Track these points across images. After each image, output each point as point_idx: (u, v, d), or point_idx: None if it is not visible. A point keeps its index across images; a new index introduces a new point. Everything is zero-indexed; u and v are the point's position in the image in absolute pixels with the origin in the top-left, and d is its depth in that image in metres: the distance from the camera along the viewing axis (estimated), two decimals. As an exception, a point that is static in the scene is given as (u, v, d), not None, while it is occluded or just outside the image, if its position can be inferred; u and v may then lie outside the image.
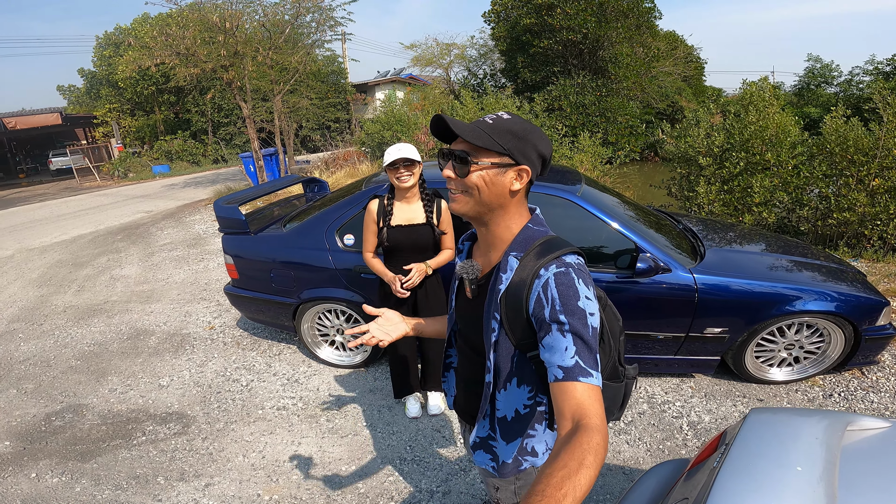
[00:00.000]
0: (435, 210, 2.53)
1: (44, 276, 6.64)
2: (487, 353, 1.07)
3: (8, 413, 3.28)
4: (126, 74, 14.38)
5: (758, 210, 5.98)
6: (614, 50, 13.56)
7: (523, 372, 1.06)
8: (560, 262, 0.96)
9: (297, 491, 2.45)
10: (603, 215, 3.02)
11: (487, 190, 1.00)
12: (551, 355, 0.90)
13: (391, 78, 22.55)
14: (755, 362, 3.09)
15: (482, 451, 1.18)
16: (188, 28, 9.35)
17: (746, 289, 2.86)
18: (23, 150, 30.34)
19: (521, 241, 1.03)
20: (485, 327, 1.07)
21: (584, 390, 0.85)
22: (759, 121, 5.96)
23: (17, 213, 13.83)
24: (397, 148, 2.36)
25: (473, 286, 1.11)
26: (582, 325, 0.90)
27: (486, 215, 1.05)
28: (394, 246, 2.45)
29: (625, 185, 8.55)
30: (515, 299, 0.98)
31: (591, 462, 0.72)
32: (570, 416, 0.82)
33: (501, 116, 1.01)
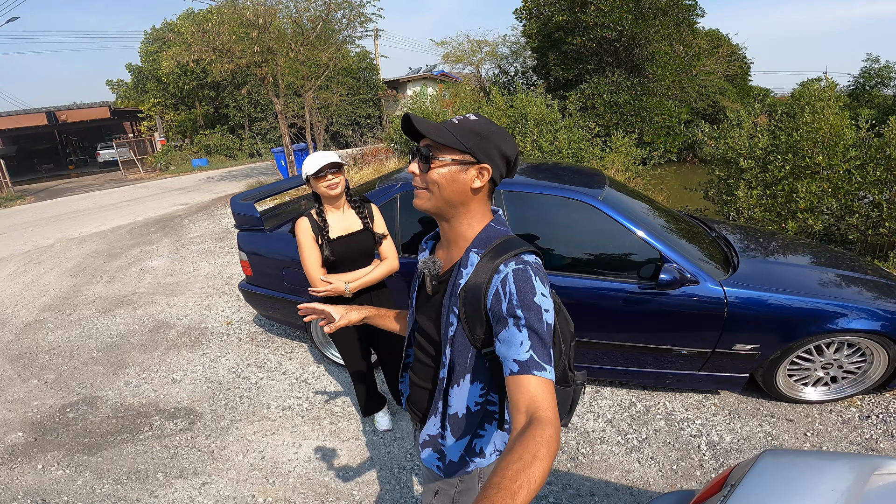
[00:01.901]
0: (368, 215, 2.41)
1: (79, 265, 6.88)
2: (444, 347, 1.09)
3: (26, 403, 3.36)
4: (168, 70, 14.86)
5: (803, 217, 5.60)
6: (651, 48, 13.06)
7: (477, 369, 1.07)
8: (519, 260, 0.99)
9: (291, 494, 2.41)
10: (626, 221, 2.83)
11: (448, 187, 1.03)
12: (507, 349, 0.91)
13: (423, 75, 22.48)
14: (788, 381, 2.85)
15: (430, 450, 1.17)
16: (224, 24, 9.52)
17: (783, 304, 2.63)
18: (73, 142, 31.90)
19: (483, 239, 1.06)
20: (443, 322, 1.09)
21: (538, 384, 0.86)
22: (813, 122, 5.57)
23: (63, 203, 14.49)
24: (320, 155, 2.20)
25: (434, 282, 1.12)
26: (537, 321, 0.92)
27: (448, 212, 1.07)
28: (339, 258, 2.30)
29: (658, 187, 8.21)
30: (474, 294, 1.01)
31: (545, 454, 0.73)
32: (524, 409, 0.83)
33: (468, 118, 1.04)
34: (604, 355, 2.93)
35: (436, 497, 1.21)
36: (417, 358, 1.25)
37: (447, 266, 1.12)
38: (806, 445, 2.53)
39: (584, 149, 7.66)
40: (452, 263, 1.11)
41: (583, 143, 7.70)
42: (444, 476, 1.17)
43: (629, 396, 3.01)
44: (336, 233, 2.30)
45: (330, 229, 2.29)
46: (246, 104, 22.03)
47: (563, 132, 7.66)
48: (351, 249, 2.32)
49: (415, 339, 1.27)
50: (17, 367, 3.90)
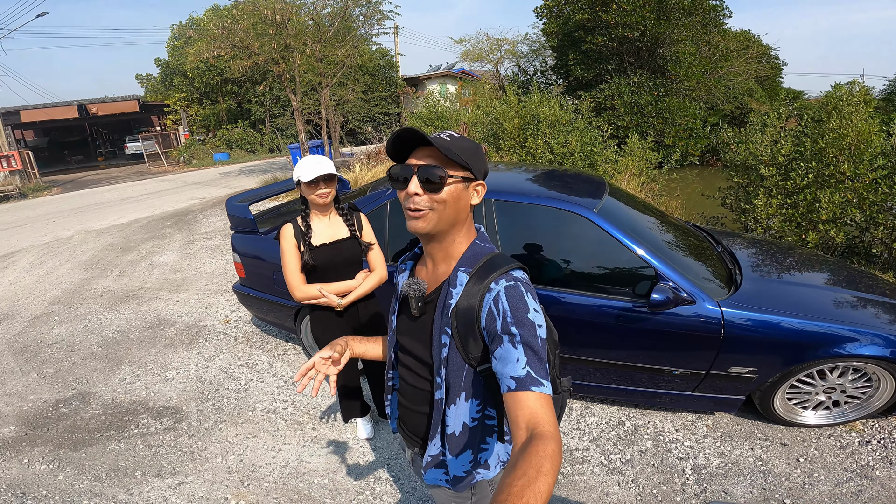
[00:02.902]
0: (356, 223, 2.35)
1: (93, 258, 7.03)
2: (437, 369, 1.08)
3: (23, 397, 3.42)
4: (193, 65, 15.11)
5: (824, 228, 5.35)
6: (675, 48, 12.71)
7: (472, 386, 1.07)
8: (509, 277, 0.99)
9: (264, 499, 2.39)
10: (622, 236, 2.71)
11: (454, 205, 1.03)
12: (503, 366, 0.92)
13: (442, 72, 22.40)
14: (786, 404, 2.71)
15: (434, 469, 1.17)
16: (243, 20, 9.61)
17: (784, 326, 2.49)
18: (103, 134, 32.81)
19: (470, 257, 1.06)
20: (434, 343, 1.08)
21: (537, 399, 0.87)
22: (840, 127, 5.32)
23: (88, 195, 14.90)
24: (316, 161, 2.14)
25: (420, 303, 1.11)
26: (532, 336, 0.92)
27: (446, 231, 1.06)
28: (322, 266, 2.25)
29: (673, 192, 7.98)
30: (467, 313, 1.00)
31: (549, 469, 0.74)
32: (524, 425, 0.84)
33: (453, 135, 1.04)
34: (594, 372, 2.83)
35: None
36: (406, 380, 1.22)
37: (433, 285, 1.11)
38: (797, 472, 2.40)
39: (596, 151, 7.48)
40: (439, 282, 1.09)
41: (595, 146, 7.52)
42: (452, 489, 1.17)
43: (619, 414, 2.91)
44: (320, 240, 2.26)
45: (314, 235, 2.25)
46: (267, 100, 22.32)
47: (576, 134, 7.49)
48: (335, 257, 2.28)
49: (399, 362, 1.24)
50: (19, 360, 3.98)
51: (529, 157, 7.65)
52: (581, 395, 3.00)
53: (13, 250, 8.06)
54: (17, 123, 24.04)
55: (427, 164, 1.01)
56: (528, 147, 7.71)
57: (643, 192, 7.22)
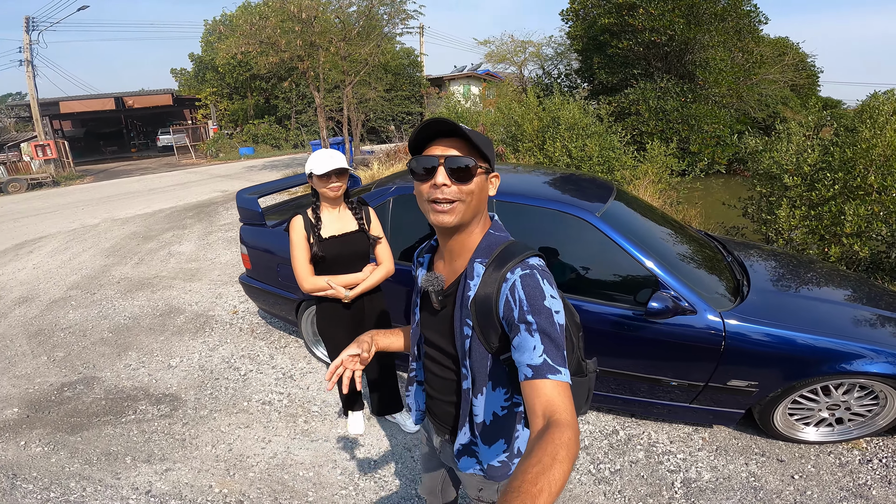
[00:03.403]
0: (364, 217, 2.37)
1: (115, 246, 7.24)
2: (462, 360, 1.09)
3: (30, 380, 3.53)
4: (224, 60, 15.44)
5: (848, 242, 5.14)
6: (706, 54, 12.40)
7: (498, 375, 1.08)
8: (525, 265, 1.00)
9: (248, 489, 2.41)
10: (624, 242, 2.64)
11: (478, 196, 1.04)
12: (521, 355, 0.92)
13: (467, 73, 22.36)
14: (787, 419, 2.62)
15: (466, 457, 1.19)
16: (270, 17, 9.77)
17: (788, 340, 2.40)
18: (137, 126, 33.85)
19: (486, 248, 1.06)
20: (457, 335, 1.09)
21: (554, 387, 0.87)
22: (872, 137, 5.11)
23: (118, 184, 15.37)
24: (329, 155, 2.16)
25: (440, 297, 1.12)
26: (549, 324, 0.92)
27: (470, 223, 1.06)
28: (331, 258, 2.27)
29: (693, 200, 7.78)
30: (485, 304, 1.01)
31: (564, 457, 0.73)
32: (540, 412, 0.84)
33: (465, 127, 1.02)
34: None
35: (481, 491, 1.25)
36: (432, 372, 1.24)
37: (451, 278, 1.12)
38: (789, 489, 2.31)
39: (615, 157, 7.34)
40: (457, 275, 1.10)
41: (613, 151, 7.39)
42: (486, 478, 1.19)
43: (614, 423, 2.84)
44: (329, 232, 2.28)
45: (323, 227, 2.27)
46: (293, 96, 22.65)
47: (595, 138, 7.37)
48: (343, 250, 2.30)
49: (424, 354, 1.26)
50: (32, 343, 4.12)
51: (547, 160, 7.57)
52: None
53: (41, 235, 8.37)
54: (55, 114, 24.97)
55: (454, 154, 1.00)
56: (546, 150, 7.63)
57: (661, 200, 7.07)
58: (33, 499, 2.37)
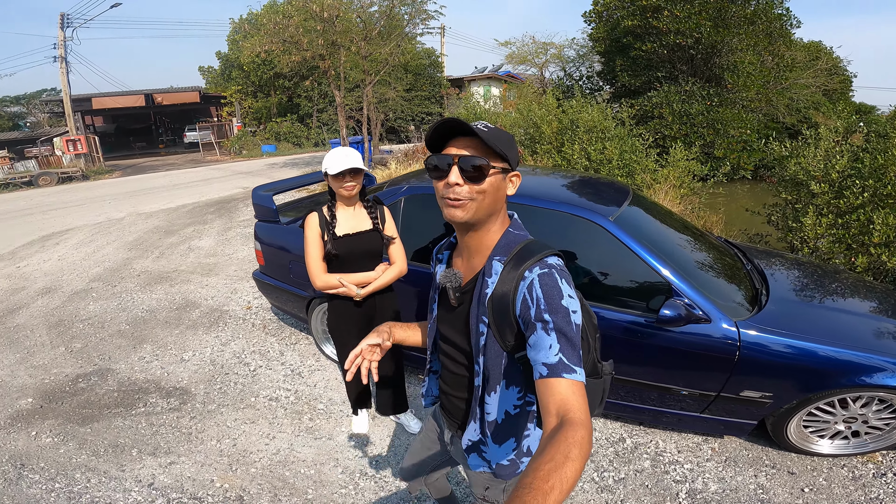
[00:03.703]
0: (379, 216, 2.36)
1: (138, 240, 7.40)
2: (476, 357, 1.10)
3: (47, 370, 3.61)
4: (249, 59, 15.70)
5: (876, 252, 4.94)
6: (734, 57, 12.10)
7: (512, 373, 1.08)
8: (543, 264, 1.00)
9: (248, 484, 2.43)
10: (638, 247, 2.58)
11: (493, 195, 1.03)
12: (536, 353, 0.92)
13: (488, 74, 22.30)
14: (801, 432, 2.53)
15: (475, 455, 1.19)
16: (293, 16, 9.89)
17: (807, 351, 2.31)
18: (165, 123, 34.65)
19: (504, 246, 1.07)
20: (472, 332, 1.09)
21: (568, 386, 0.87)
22: (905, 143, 4.91)
23: (144, 179, 15.75)
24: (344, 154, 2.15)
25: (457, 294, 1.13)
26: (565, 323, 0.92)
27: (485, 221, 1.07)
28: (344, 256, 2.27)
29: (716, 206, 7.59)
30: (502, 302, 1.01)
31: (577, 455, 0.73)
32: (554, 411, 0.84)
33: (489, 126, 1.03)
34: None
35: (487, 491, 1.25)
36: (446, 368, 1.26)
37: (468, 276, 1.13)
38: (799, 502, 2.22)
39: (635, 160, 7.21)
40: (475, 272, 1.11)
41: (634, 155, 7.25)
42: (495, 476, 1.20)
43: (621, 431, 2.78)
44: (343, 230, 2.28)
45: (338, 226, 2.28)
46: (315, 95, 22.89)
47: (615, 141, 7.25)
48: (356, 248, 2.30)
49: (440, 349, 1.28)
50: (52, 333, 4.23)
51: (565, 163, 7.47)
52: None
53: (68, 228, 8.61)
54: (88, 110, 25.70)
55: (468, 154, 1.01)
56: (564, 152, 7.54)
57: (682, 205, 6.91)
58: (38, 489, 2.42)
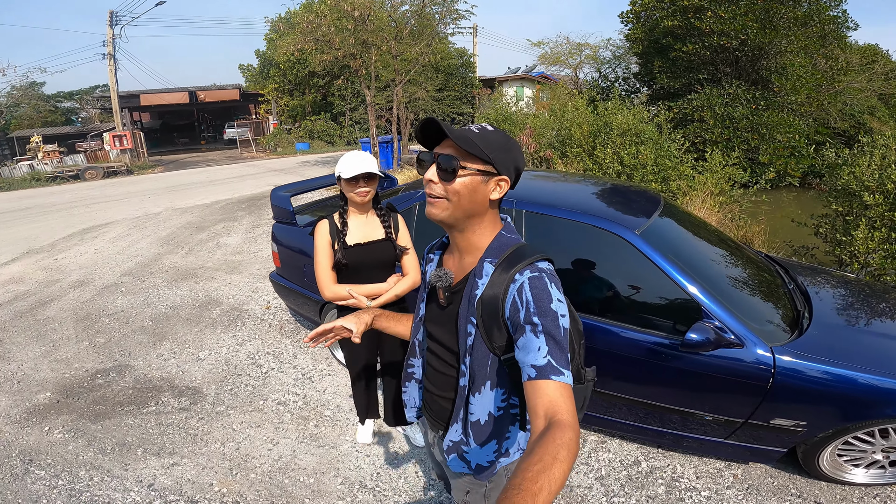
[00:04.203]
0: (392, 225, 2.24)
1: (171, 235, 7.58)
2: (463, 357, 1.10)
3: (69, 364, 3.68)
4: (285, 57, 15.98)
5: (935, 271, 4.55)
6: (783, 59, 11.49)
7: (498, 375, 1.08)
8: (534, 268, 1.01)
9: (247, 490, 2.39)
10: (667, 264, 2.39)
11: (468, 197, 1.03)
12: (525, 355, 0.93)
13: (520, 75, 21.99)
14: (835, 461, 2.32)
15: (455, 455, 1.18)
16: (327, 15, 9.96)
17: (849, 379, 2.11)
18: (207, 119, 35.79)
19: (496, 248, 1.07)
20: (460, 332, 1.10)
21: (557, 388, 0.88)
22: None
23: (184, 175, 16.25)
24: (359, 158, 2.05)
25: (447, 293, 1.14)
26: (554, 326, 0.93)
27: (464, 222, 1.07)
28: (354, 266, 2.17)
29: (758, 215, 7.18)
30: (492, 304, 1.02)
31: (565, 457, 0.74)
32: (543, 413, 0.85)
33: (486, 128, 1.05)
34: (619, 407, 2.54)
35: (468, 496, 1.25)
36: (432, 367, 1.26)
37: (459, 276, 1.13)
38: None
39: (671, 166, 6.89)
40: (465, 273, 1.11)
41: (669, 160, 6.94)
42: (475, 476, 1.19)
43: (637, 453, 2.61)
44: (354, 239, 2.19)
45: (349, 234, 2.18)
46: (349, 94, 23.10)
47: (650, 145, 6.96)
48: (368, 258, 2.20)
49: (426, 349, 1.28)
50: (79, 327, 4.33)
51: (596, 167, 7.23)
52: (598, 428, 2.73)
53: (107, 222, 8.93)
54: (136, 106, 26.80)
55: (446, 153, 1.02)
56: (595, 156, 7.29)
57: (720, 213, 6.56)
58: (42, 485, 2.44)
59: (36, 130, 24.58)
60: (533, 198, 2.77)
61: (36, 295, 5.18)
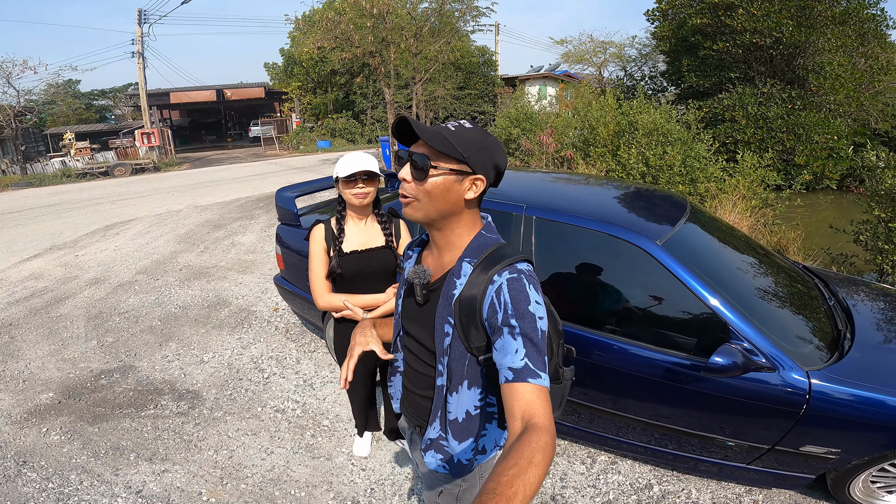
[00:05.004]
0: (393, 231, 2.08)
1: (188, 233, 7.62)
2: (440, 357, 1.09)
3: (74, 364, 3.65)
4: (307, 56, 16.06)
5: None
6: (821, 58, 10.96)
7: (474, 375, 1.07)
8: (513, 269, 1.00)
9: (235, 500, 2.30)
10: (692, 279, 2.17)
11: (441, 197, 1.02)
12: (502, 357, 0.93)
13: (543, 73, 21.60)
14: (868, 487, 2.13)
15: (433, 452, 1.16)
16: (347, 13, 9.92)
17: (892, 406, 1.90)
18: (233, 117, 36.40)
19: (475, 248, 1.06)
20: (437, 331, 1.08)
21: (533, 391, 0.87)
22: None
23: (208, 172, 16.48)
24: (356, 157, 1.90)
25: (424, 291, 1.12)
26: (532, 329, 0.93)
27: (440, 221, 1.06)
28: (350, 275, 2.02)
29: (792, 219, 6.81)
30: (470, 305, 1.01)
31: (540, 460, 0.74)
32: (519, 415, 0.85)
33: (464, 125, 1.03)
34: (630, 428, 2.35)
35: (440, 496, 1.24)
36: (410, 365, 1.25)
37: (438, 273, 1.12)
38: None
39: (699, 168, 6.57)
40: (444, 271, 1.10)
41: (698, 161, 6.62)
42: (451, 476, 1.18)
43: (650, 476, 2.43)
44: (351, 246, 2.04)
45: (346, 240, 2.04)
46: (370, 92, 23.11)
47: (678, 146, 6.66)
48: (364, 267, 2.05)
49: (403, 346, 1.27)
50: (89, 325, 4.31)
51: (619, 168, 6.96)
52: (609, 448, 2.54)
53: (130, 218, 9.05)
54: (166, 104, 27.38)
55: (420, 151, 1.01)
56: (619, 156, 7.03)
57: (752, 218, 6.22)
58: (32, 487, 2.39)
59: (70, 128, 25.35)
60: (544, 203, 2.59)
61: (52, 292, 5.23)
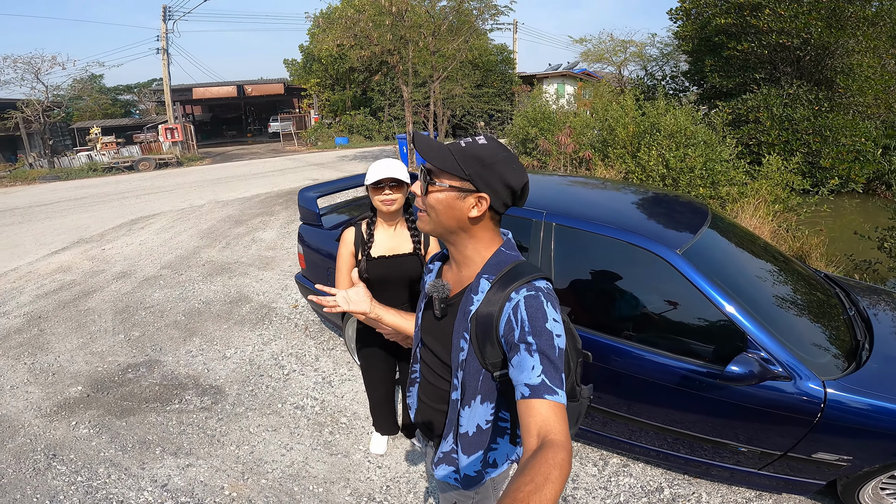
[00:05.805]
0: (422, 239, 2.11)
1: (210, 228, 7.78)
2: (455, 371, 1.10)
3: (102, 357, 3.77)
4: (325, 53, 16.18)
5: None
6: (850, 59, 10.69)
7: (488, 390, 1.08)
8: (531, 287, 1.00)
9: (256, 496, 2.38)
10: (711, 288, 2.18)
11: (445, 213, 1.03)
12: (519, 374, 0.93)
13: (562, 72, 21.38)
14: (878, 493, 2.15)
15: (445, 465, 1.18)
16: (365, 11, 9.98)
17: None
18: (253, 113, 36.84)
19: (493, 265, 1.06)
20: (453, 346, 1.10)
21: (550, 408, 0.87)
22: None
23: (229, 167, 16.74)
24: (385, 164, 1.94)
25: (442, 305, 1.13)
26: (549, 346, 0.93)
27: (450, 237, 1.08)
28: (375, 280, 2.06)
29: (816, 224, 6.68)
30: (486, 321, 1.01)
31: (557, 477, 0.74)
32: (535, 432, 0.85)
33: (477, 141, 1.03)
34: (644, 432, 2.37)
35: None
36: (426, 378, 1.26)
37: (457, 288, 1.13)
38: None
39: (721, 170, 6.48)
40: (462, 286, 1.11)
41: (720, 164, 6.52)
42: (461, 488, 1.18)
43: (661, 479, 2.45)
44: (379, 251, 2.09)
45: (374, 246, 2.09)
46: (388, 89, 23.18)
47: (700, 147, 6.57)
48: (391, 273, 2.10)
49: (421, 358, 1.28)
50: (117, 319, 4.45)
51: (639, 170, 6.90)
52: (622, 452, 2.56)
53: (154, 213, 9.26)
54: (188, 99, 27.82)
55: (428, 166, 1.03)
56: (639, 158, 6.96)
57: (774, 223, 6.13)
58: (61, 480, 2.49)
59: (96, 122, 25.95)
60: (565, 210, 2.60)
61: (80, 285, 5.40)
